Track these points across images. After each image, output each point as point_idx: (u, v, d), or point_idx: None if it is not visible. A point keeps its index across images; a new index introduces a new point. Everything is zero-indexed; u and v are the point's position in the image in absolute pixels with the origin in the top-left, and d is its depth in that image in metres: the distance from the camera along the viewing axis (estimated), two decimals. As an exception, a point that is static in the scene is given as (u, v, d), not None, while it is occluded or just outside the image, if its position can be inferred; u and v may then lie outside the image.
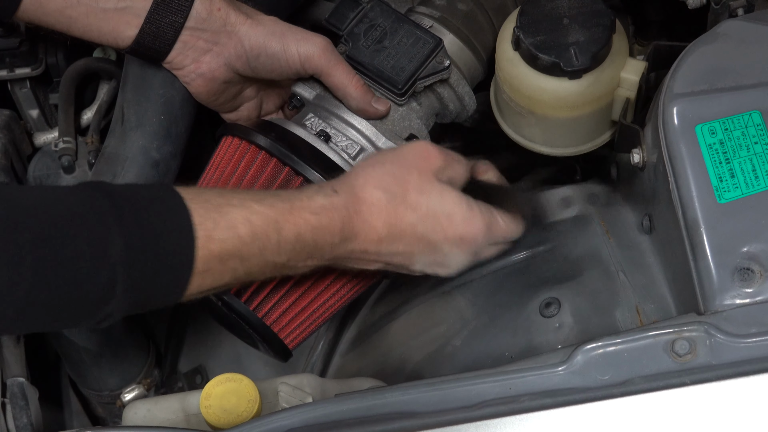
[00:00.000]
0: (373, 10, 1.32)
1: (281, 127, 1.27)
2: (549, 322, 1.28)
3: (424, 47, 1.29)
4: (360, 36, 1.30)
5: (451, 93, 1.35)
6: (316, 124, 1.29)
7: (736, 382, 1.03)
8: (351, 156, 1.27)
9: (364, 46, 1.30)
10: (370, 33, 1.30)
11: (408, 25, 1.31)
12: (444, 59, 1.30)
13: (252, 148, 1.25)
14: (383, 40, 1.30)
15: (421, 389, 1.07)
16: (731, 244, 1.10)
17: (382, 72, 1.29)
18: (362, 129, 1.29)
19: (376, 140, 1.29)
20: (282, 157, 1.23)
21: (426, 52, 1.29)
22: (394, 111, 1.31)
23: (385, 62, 1.29)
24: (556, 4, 1.27)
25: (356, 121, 1.29)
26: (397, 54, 1.29)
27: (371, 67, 1.29)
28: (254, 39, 1.25)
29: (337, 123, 1.29)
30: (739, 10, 1.28)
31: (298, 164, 1.23)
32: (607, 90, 1.28)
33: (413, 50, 1.29)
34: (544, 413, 1.03)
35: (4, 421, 1.22)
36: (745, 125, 1.14)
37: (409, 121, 1.31)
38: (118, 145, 1.31)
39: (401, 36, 1.30)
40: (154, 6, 1.23)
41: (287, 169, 1.23)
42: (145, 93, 1.31)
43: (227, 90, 1.30)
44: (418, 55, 1.29)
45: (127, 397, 1.36)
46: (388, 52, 1.30)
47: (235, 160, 1.26)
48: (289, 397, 1.18)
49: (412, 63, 1.29)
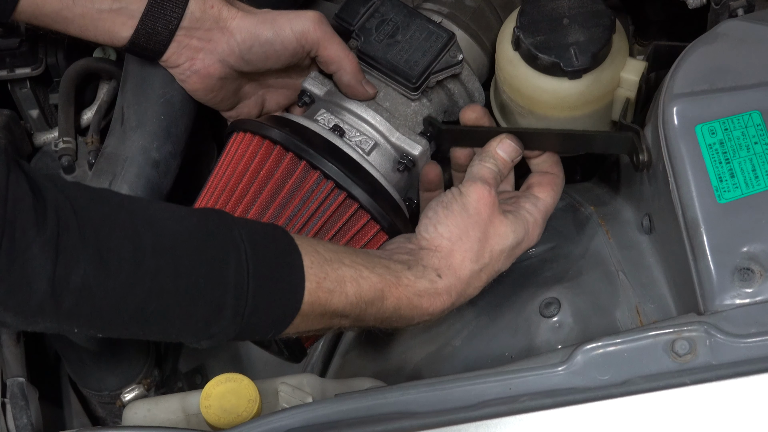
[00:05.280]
0: (384, 4, 1.31)
1: (295, 122, 1.27)
2: (549, 322, 1.28)
3: (437, 41, 1.29)
4: (372, 31, 1.30)
5: (461, 89, 1.34)
6: (328, 119, 1.29)
7: (736, 382, 1.03)
8: (365, 151, 1.27)
9: (377, 41, 1.30)
10: (382, 28, 1.30)
11: (420, 19, 1.30)
12: (457, 53, 1.30)
13: (266, 143, 1.25)
14: (395, 34, 1.30)
15: (421, 389, 1.07)
16: (731, 244, 1.10)
17: (395, 66, 1.28)
18: (376, 124, 1.29)
19: (390, 135, 1.28)
20: (298, 151, 1.23)
21: (439, 45, 1.29)
22: (406, 106, 1.31)
23: (398, 56, 1.29)
24: (556, 4, 1.27)
25: (369, 116, 1.29)
26: (410, 48, 1.29)
27: (384, 61, 1.29)
28: (245, 30, 1.25)
29: (349, 118, 1.29)
30: (739, 10, 1.28)
31: (314, 158, 1.22)
32: (607, 90, 1.28)
33: (426, 44, 1.29)
34: (544, 413, 1.03)
35: (4, 421, 1.22)
36: (745, 125, 1.14)
37: (421, 116, 1.31)
38: (118, 145, 1.30)
39: (414, 30, 1.30)
40: (148, 7, 1.23)
41: (303, 163, 1.23)
42: (145, 93, 1.31)
43: (224, 87, 1.30)
44: (431, 49, 1.29)
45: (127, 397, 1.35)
46: (401, 46, 1.29)
47: (248, 156, 1.26)
48: (289, 397, 1.18)
49: (425, 57, 1.28)
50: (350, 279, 1.09)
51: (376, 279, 1.11)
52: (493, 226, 1.18)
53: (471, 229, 1.17)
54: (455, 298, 1.17)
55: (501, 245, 1.19)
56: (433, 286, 1.15)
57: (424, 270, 1.15)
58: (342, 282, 1.09)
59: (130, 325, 1.00)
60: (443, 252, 1.17)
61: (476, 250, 1.17)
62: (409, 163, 1.29)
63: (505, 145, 1.24)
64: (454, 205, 1.18)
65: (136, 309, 0.98)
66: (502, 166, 1.23)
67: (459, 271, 1.17)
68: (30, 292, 0.93)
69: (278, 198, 1.23)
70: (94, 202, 0.98)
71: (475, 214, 1.18)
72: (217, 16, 1.25)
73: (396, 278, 1.13)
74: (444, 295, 1.16)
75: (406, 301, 1.13)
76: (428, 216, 1.19)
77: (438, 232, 1.18)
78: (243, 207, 1.24)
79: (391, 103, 1.31)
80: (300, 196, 1.23)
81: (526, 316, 1.29)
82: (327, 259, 1.09)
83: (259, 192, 1.24)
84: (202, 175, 1.32)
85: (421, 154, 1.29)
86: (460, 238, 1.17)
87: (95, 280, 0.95)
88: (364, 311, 1.11)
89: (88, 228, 0.95)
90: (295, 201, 1.23)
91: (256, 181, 1.24)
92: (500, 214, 1.19)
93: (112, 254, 0.96)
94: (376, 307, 1.12)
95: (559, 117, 1.30)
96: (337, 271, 1.09)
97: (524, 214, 1.21)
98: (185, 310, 1.01)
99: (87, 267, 0.94)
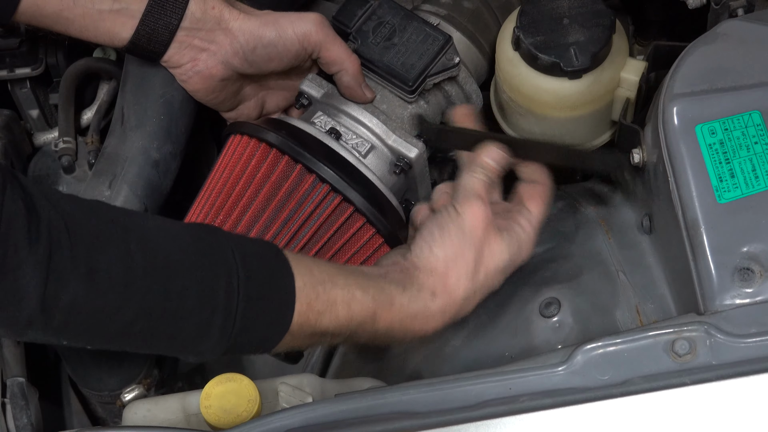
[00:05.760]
0: (382, 7, 1.31)
1: (291, 125, 1.27)
2: (549, 322, 1.28)
3: (433, 44, 1.29)
4: (369, 33, 1.30)
5: (458, 91, 1.34)
6: (325, 122, 1.29)
7: (736, 382, 1.03)
8: (362, 154, 1.27)
9: (373, 44, 1.30)
10: (378, 30, 1.30)
11: (417, 21, 1.31)
12: (454, 56, 1.30)
13: (262, 146, 1.25)
14: (392, 37, 1.30)
15: (421, 389, 1.07)
16: (731, 244, 1.10)
17: (392, 69, 1.29)
18: (372, 126, 1.29)
19: (386, 138, 1.28)
20: (294, 154, 1.23)
21: (436, 48, 1.29)
22: (403, 108, 1.31)
23: (394, 59, 1.29)
24: (556, 4, 1.27)
25: (366, 118, 1.29)
26: (406, 51, 1.29)
27: (381, 64, 1.29)
28: (248, 32, 1.25)
29: (346, 121, 1.29)
30: (739, 10, 1.28)
31: (310, 161, 1.22)
32: (607, 90, 1.28)
33: (423, 47, 1.29)
34: (544, 413, 1.03)
35: (4, 421, 1.21)
36: (745, 125, 1.14)
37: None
38: (118, 145, 1.30)
39: (410, 33, 1.30)
40: (149, 7, 1.23)
41: (299, 166, 1.23)
42: (145, 93, 1.31)
43: (225, 88, 1.30)
44: (427, 51, 1.29)
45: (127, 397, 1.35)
46: (398, 49, 1.29)
47: (244, 159, 1.26)
48: (289, 397, 1.18)
49: (422, 60, 1.29)
50: (342, 301, 1.09)
51: (369, 302, 1.11)
52: (488, 245, 1.18)
53: (467, 249, 1.17)
54: (449, 318, 1.17)
55: (495, 263, 1.19)
56: (427, 307, 1.15)
57: (418, 293, 1.15)
58: (333, 304, 1.09)
59: (117, 341, 1.02)
60: (438, 273, 1.17)
61: (471, 270, 1.17)
62: (406, 166, 1.29)
63: (493, 153, 1.23)
64: (451, 226, 1.18)
65: (124, 327, 0.99)
66: (492, 174, 1.22)
67: (454, 292, 1.17)
68: (20, 309, 0.94)
69: (274, 201, 1.23)
70: (87, 219, 0.98)
71: (471, 234, 1.18)
72: (218, 17, 1.25)
73: (389, 301, 1.13)
74: (437, 315, 1.16)
75: (398, 323, 1.14)
76: (423, 236, 1.19)
77: (434, 253, 1.17)
78: (239, 211, 1.24)
79: (388, 106, 1.31)
80: (295, 199, 1.23)
81: (526, 316, 1.29)
82: (320, 281, 1.09)
83: (254, 196, 1.24)
84: (202, 175, 1.32)
85: (417, 156, 1.29)
86: (456, 259, 1.17)
87: (84, 299, 0.96)
88: (354, 332, 1.12)
89: (80, 246, 0.96)
90: (291, 205, 1.23)
91: (252, 184, 1.24)
92: (495, 233, 1.19)
93: (102, 274, 0.96)
94: (368, 328, 1.12)
95: (559, 117, 1.30)
96: (329, 293, 1.09)
97: (518, 231, 1.21)
98: (173, 329, 1.02)
99: (77, 286, 0.95)
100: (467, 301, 1.18)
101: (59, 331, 0.98)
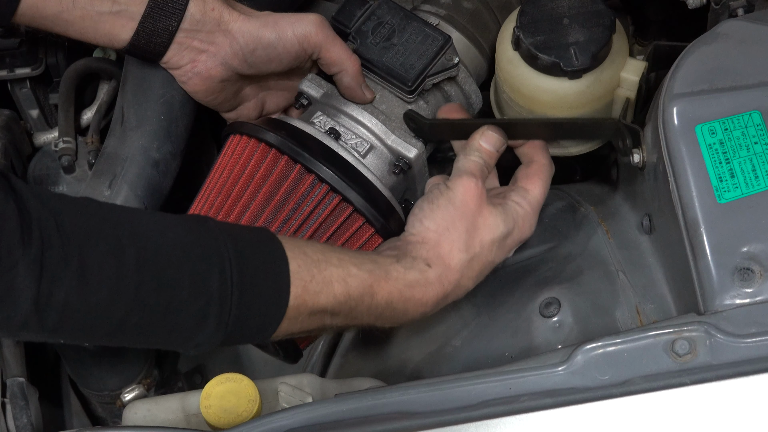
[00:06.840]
0: (381, 7, 1.31)
1: (290, 125, 1.27)
2: (549, 322, 1.28)
3: (433, 44, 1.29)
4: (368, 33, 1.30)
5: (458, 91, 1.35)
6: (324, 122, 1.29)
7: (736, 382, 1.03)
8: (361, 154, 1.27)
9: (373, 44, 1.30)
10: (378, 30, 1.30)
11: (416, 22, 1.31)
12: (453, 56, 1.30)
13: (262, 146, 1.25)
14: (392, 37, 1.30)
15: (421, 389, 1.07)
16: (731, 244, 1.10)
17: (391, 69, 1.29)
18: (371, 127, 1.29)
19: (386, 138, 1.29)
20: (293, 155, 1.23)
21: (435, 48, 1.29)
22: (402, 109, 1.31)
23: (394, 59, 1.29)
24: (556, 4, 1.27)
25: (365, 118, 1.29)
26: (406, 51, 1.29)
27: (380, 64, 1.29)
28: (248, 33, 1.25)
29: (345, 121, 1.29)
30: (739, 10, 1.28)
31: (309, 161, 1.23)
32: (607, 90, 1.28)
33: (422, 47, 1.29)
34: (544, 413, 1.03)
35: (4, 421, 1.22)
36: (745, 125, 1.14)
37: None
38: (118, 145, 1.30)
39: (410, 33, 1.30)
40: (148, 9, 1.23)
41: (299, 166, 1.23)
42: (145, 93, 1.31)
43: (225, 89, 1.30)
44: (427, 52, 1.29)
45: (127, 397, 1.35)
46: (397, 49, 1.29)
47: (244, 159, 1.26)
48: (289, 397, 1.18)
49: (421, 60, 1.29)
50: (337, 278, 1.09)
51: (365, 275, 1.11)
52: (482, 217, 1.19)
53: (458, 220, 1.18)
54: (448, 287, 1.17)
55: (491, 235, 1.19)
56: (424, 275, 1.15)
57: (413, 261, 1.16)
58: (329, 283, 1.09)
59: (113, 336, 1.02)
60: (431, 243, 1.17)
61: (465, 240, 1.17)
62: (405, 166, 1.29)
63: (488, 137, 1.24)
64: (440, 200, 1.19)
65: (119, 322, 0.99)
66: (488, 157, 1.23)
67: (448, 260, 1.17)
68: (15, 310, 0.94)
69: (273, 201, 1.23)
70: (78, 217, 0.98)
71: (462, 206, 1.18)
72: (218, 18, 1.25)
73: (385, 272, 1.13)
74: (436, 284, 1.16)
75: (397, 293, 1.14)
76: (414, 213, 1.20)
77: (424, 226, 1.18)
78: (238, 210, 1.24)
79: (387, 106, 1.31)
80: (295, 199, 1.23)
81: (526, 316, 1.29)
82: (314, 261, 1.09)
83: (254, 195, 1.24)
84: (202, 175, 1.32)
85: (416, 156, 1.29)
86: (447, 229, 1.17)
87: (78, 295, 0.96)
88: (354, 308, 1.11)
89: (71, 244, 0.96)
90: (290, 204, 1.23)
91: (251, 184, 1.24)
92: (488, 206, 1.19)
93: (94, 270, 0.97)
94: (367, 303, 1.12)
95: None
96: (323, 272, 1.09)
97: (512, 205, 1.21)
98: (168, 321, 1.02)
99: (69, 284, 0.95)
100: (465, 271, 1.18)
101: (55, 331, 0.98)
